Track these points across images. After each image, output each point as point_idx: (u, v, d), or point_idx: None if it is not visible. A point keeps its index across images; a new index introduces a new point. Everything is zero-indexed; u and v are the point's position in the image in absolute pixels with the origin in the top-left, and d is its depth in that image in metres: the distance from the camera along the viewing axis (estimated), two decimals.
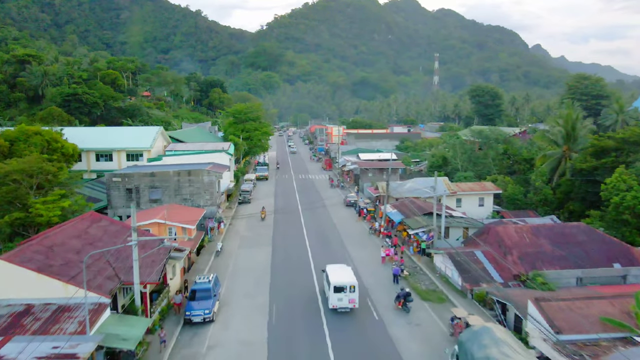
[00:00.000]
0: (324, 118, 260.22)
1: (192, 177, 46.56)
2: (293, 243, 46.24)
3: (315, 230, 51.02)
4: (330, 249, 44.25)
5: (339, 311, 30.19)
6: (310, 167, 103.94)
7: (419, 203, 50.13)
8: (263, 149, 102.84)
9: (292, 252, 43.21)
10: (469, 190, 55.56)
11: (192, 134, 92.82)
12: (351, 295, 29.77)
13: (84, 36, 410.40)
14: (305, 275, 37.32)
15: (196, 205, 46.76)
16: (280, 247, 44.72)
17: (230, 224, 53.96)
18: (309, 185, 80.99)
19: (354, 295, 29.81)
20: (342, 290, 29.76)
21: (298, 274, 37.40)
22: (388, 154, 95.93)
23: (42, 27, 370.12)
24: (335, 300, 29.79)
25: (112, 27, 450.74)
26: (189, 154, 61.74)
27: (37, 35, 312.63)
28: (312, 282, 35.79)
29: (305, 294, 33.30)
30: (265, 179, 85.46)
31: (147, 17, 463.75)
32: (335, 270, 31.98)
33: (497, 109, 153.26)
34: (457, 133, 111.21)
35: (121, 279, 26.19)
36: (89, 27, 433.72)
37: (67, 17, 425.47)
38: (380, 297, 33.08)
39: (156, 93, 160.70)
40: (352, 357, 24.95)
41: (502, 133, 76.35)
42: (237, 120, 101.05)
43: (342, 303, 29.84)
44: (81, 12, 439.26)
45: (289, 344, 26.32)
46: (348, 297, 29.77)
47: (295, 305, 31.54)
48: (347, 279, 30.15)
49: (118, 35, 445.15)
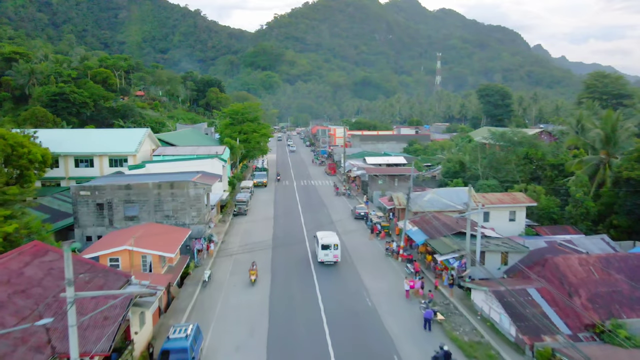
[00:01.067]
0: (325, 118, 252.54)
1: (175, 190, 38.74)
2: (295, 268, 38.46)
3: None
4: (341, 279, 36.38)
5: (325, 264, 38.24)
6: (312, 172, 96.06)
7: (443, 219, 42.33)
8: (262, 151, 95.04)
9: (294, 284, 35.39)
10: (498, 203, 47.79)
11: (185, 136, 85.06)
12: (335, 251, 38.86)
13: (81, 36, 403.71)
14: (313, 320, 29.48)
15: (180, 223, 38.94)
16: (280, 273, 36.94)
17: (223, 241, 46.21)
18: (312, 193, 73.11)
19: (337, 252, 38.89)
20: (327, 247, 38.82)
21: (302, 315, 29.60)
22: (397, 158, 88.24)
23: (39, 27, 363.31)
24: (322, 256, 38.80)
25: (110, 26, 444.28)
26: (177, 160, 53.96)
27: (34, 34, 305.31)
28: (322, 331, 27.94)
29: (314, 349, 25.48)
30: (264, 185, 77.63)
31: (146, 17, 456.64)
32: (325, 235, 40.28)
33: (506, 109, 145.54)
34: (469, 135, 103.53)
35: (56, 348, 18.39)
36: (87, 26, 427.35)
37: (64, 16, 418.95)
38: (409, 351, 25.26)
39: (151, 93, 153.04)
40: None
41: (526, 135, 68.55)
42: (233, 121, 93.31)
43: (327, 258, 38.79)
44: (79, 12, 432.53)
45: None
46: (332, 253, 38.86)
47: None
48: (332, 240, 39.23)
49: (116, 35, 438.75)
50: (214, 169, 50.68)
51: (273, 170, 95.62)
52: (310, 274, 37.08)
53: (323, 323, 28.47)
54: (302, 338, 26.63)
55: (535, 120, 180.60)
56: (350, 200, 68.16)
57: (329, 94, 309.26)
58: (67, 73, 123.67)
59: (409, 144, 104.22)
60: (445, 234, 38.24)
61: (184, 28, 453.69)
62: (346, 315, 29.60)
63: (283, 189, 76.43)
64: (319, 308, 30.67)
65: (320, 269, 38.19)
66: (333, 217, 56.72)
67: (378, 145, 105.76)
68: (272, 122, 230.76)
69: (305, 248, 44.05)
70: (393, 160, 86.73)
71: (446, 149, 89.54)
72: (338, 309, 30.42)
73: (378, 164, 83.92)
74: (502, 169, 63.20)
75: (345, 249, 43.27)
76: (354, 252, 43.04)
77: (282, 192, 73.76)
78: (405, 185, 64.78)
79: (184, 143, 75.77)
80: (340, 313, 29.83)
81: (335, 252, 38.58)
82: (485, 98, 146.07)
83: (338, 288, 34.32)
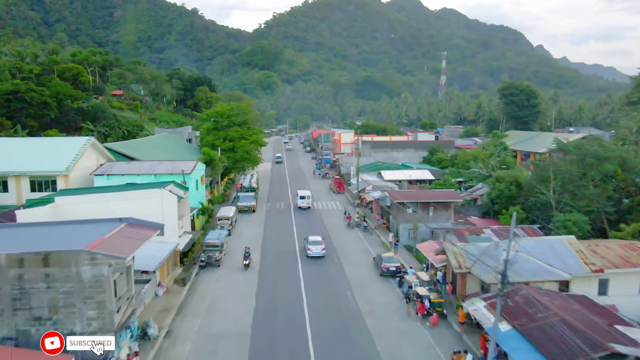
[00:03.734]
0: (327, 120, 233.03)
1: (54, 269, 19.53)
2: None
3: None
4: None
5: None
6: (314, 187, 76.36)
7: (557, 304, 23.08)
8: (252, 163, 75.75)
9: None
10: (623, 265, 28.61)
11: (153, 146, 65.79)
12: (308, 200, 59.20)
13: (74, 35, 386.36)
14: None
15: (68, 331, 19.69)
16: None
17: (169, 332, 26.95)
18: (316, 224, 53.59)
19: (309, 200, 59.15)
20: (303, 198, 59.10)
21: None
22: (421, 172, 69.04)
23: (31, 26, 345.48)
24: (298, 200, 59.42)
25: (105, 25, 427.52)
26: (111, 190, 34.61)
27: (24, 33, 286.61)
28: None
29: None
30: (252, 210, 58.29)
31: (142, 16, 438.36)
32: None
33: (532, 110, 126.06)
34: (502, 141, 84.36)
35: None
36: (81, 25, 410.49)
37: (57, 15, 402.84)
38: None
39: (133, 92, 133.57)
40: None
41: (612, 148, 49.30)
42: (217, 125, 74.19)
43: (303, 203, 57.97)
44: (72, 10, 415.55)
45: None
46: (306, 201, 59.12)
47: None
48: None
49: (111, 35, 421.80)
50: (163, 206, 31.37)
51: (265, 186, 76.24)
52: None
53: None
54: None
55: (555, 123, 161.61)
56: (367, 235, 48.86)
57: (330, 94, 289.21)
58: (28, 68, 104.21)
59: (429, 153, 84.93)
60: (573, 343, 18.95)
61: (181, 27, 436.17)
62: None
63: (276, 216, 56.91)
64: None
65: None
66: (347, 271, 37.38)
67: (393, 153, 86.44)
68: (270, 124, 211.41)
69: (308, 352, 24.79)
70: (417, 174, 67.56)
71: (481, 160, 70.45)
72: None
73: (398, 180, 64.80)
74: (582, 194, 43.97)
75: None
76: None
77: (274, 222, 54.20)
78: (443, 215, 45.57)
79: (150, 155, 56.51)
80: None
81: (308, 201, 58.84)
82: (508, 98, 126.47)
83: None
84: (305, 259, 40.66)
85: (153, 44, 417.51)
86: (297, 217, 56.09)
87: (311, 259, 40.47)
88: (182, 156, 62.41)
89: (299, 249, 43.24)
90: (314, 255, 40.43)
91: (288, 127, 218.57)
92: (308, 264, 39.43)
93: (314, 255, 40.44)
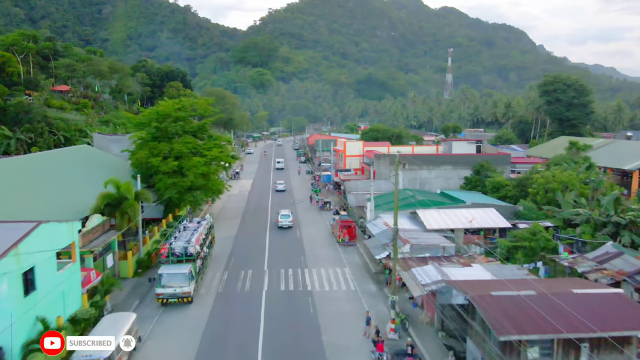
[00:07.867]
0: (325, 122, 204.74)
1: None
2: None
3: None
4: None
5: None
6: (309, 233, 47.94)
7: None
8: (211, 192, 47.44)
9: None
10: None
11: (44, 166, 37.38)
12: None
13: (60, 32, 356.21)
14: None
15: None
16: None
17: None
18: None
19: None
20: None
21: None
22: (486, 213, 40.80)
23: (15, 22, 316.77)
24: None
25: (93, 22, 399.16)
26: None
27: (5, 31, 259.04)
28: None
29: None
30: (186, 301, 29.69)
31: (132, 13, 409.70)
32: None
33: (584, 110, 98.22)
34: (587, 156, 56.08)
35: None
36: (67, 22, 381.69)
37: (42, 11, 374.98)
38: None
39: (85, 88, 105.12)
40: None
41: None
42: (158, 135, 46.00)
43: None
44: (59, 7, 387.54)
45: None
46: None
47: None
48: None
49: (99, 32, 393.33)
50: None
51: (233, 228, 47.63)
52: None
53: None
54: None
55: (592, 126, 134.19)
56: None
57: (328, 93, 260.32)
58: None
59: (474, 172, 56.80)
60: None
61: (173, 24, 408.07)
62: None
63: (239, 312, 28.57)
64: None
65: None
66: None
67: (421, 172, 58.27)
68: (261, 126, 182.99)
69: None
70: (481, 218, 39.12)
71: (576, 188, 42.37)
72: None
73: (449, 229, 36.88)
74: None
75: None
76: None
77: (233, 331, 25.84)
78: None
79: (24, 187, 28.40)
80: None
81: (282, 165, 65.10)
82: (552, 95, 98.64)
83: None
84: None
85: (143, 41, 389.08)
86: (265, 337, 27.70)
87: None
88: (90, 187, 34.36)
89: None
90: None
91: (282, 129, 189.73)
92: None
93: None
